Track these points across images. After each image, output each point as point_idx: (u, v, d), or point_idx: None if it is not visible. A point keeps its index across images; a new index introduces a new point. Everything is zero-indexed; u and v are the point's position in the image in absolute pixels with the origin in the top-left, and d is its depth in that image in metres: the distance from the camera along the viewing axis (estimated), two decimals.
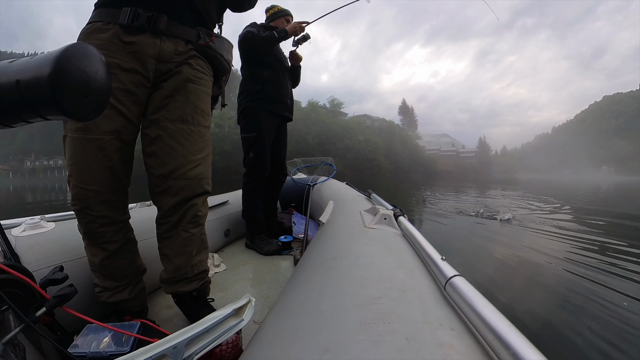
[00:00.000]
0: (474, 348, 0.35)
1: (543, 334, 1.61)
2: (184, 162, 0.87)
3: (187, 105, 0.88)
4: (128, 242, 0.92)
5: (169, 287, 0.96)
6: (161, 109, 0.85)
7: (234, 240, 2.12)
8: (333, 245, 0.80)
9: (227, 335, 0.56)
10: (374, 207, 1.06)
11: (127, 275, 0.92)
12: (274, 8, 2.14)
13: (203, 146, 0.92)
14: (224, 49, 0.98)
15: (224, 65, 1.00)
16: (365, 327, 0.38)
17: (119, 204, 0.86)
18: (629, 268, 2.64)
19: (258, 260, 1.69)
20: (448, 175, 66.59)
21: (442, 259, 0.56)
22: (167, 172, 0.86)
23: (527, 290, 2.19)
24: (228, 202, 2.12)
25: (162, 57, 0.84)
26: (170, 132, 0.85)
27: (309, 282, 0.61)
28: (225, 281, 1.40)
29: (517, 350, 0.30)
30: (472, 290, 0.43)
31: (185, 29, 0.87)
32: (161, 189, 0.87)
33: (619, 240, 3.61)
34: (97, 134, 0.77)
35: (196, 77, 0.90)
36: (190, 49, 0.89)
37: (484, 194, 10.91)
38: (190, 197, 0.89)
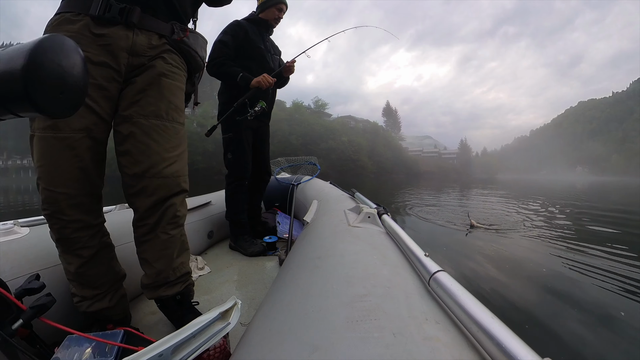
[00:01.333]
0: (460, 340, 0.37)
1: (524, 324, 1.68)
2: (159, 159, 0.84)
3: (161, 100, 0.85)
4: (104, 247, 0.88)
5: (151, 293, 0.93)
6: (134, 104, 0.82)
7: (217, 241, 2.09)
8: (318, 244, 0.80)
9: (214, 339, 0.55)
10: (358, 206, 1.07)
11: (105, 282, 0.88)
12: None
13: (178, 143, 0.89)
14: (198, 45, 0.96)
15: (198, 62, 0.97)
16: (353, 325, 0.39)
17: (93, 207, 0.82)
18: (603, 258, 2.86)
19: (243, 261, 1.67)
20: (430, 176, 68.40)
21: (426, 255, 0.57)
22: (141, 170, 0.82)
23: (508, 283, 2.27)
24: (211, 202, 2.08)
25: (134, 50, 0.81)
26: (143, 128, 0.82)
27: (294, 282, 0.61)
28: (210, 284, 1.38)
29: (500, 340, 0.32)
30: (455, 284, 0.44)
31: (158, 22, 0.85)
32: (136, 189, 0.84)
33: (595, 236, 3.84)
34: (67, 132, 0.73)
35: (170, 71, 0.87)
36: (164, 43, 0.86)
37: (466, 196, 11.22)
38: (167, 196, 0.86)
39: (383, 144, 71.89)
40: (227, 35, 1.76)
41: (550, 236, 3.89)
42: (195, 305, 1.02)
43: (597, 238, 3.90)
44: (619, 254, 3.09)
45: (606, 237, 4.00)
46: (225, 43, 1.74)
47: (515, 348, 0.30)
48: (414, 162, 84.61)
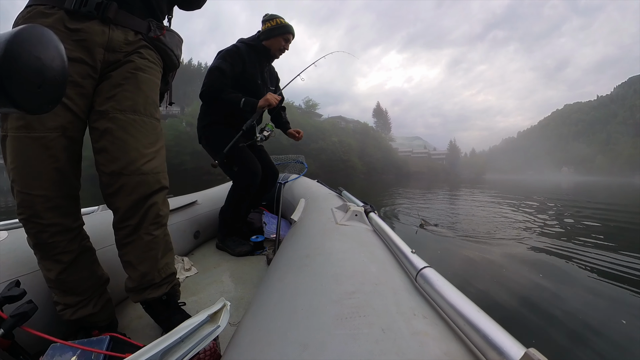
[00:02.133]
0: (447, 333, 0.38)
1: (509, 316, 1.74)
2: (138, 155, 0.81)
3: (139, 94, 0.83)
4: (85, 250, 0.85)
5: (136, 296, 0.91)
6: (110, 99, 0.80)
7: (204, 242, 2.05)
8: (306, 243, 0.81)
9: (204, 343, 0.55)
10: (345, 204, 1.09)
11: (88, 287, 0.85)
12: (273, 20, 1.79)
13: (156, 139, 0.87)
14: (174, 43, 0.95)
15: (174, 61, 0.97)
16: (342, 322, 0.40)
17: (71, 210, 0.80)
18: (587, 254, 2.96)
19: (230, 261, 1.65)
20: (420, 176, 69.41)
21: (412, 252, 0.59)
22: (119, 168, 0.79)
23: (492, 277, 2.33)
24: (197, 202, 2.04)
25: (110, 46, 0.79)
26: (120, 123, 0.80)
27: (283, 281, 0.61)
28: (197, 285, 1.36)
29: (486, 333, 0.33)
30: (441, 280, 0.46)
31: (135, 19, 0.84)
32: (114, 188, 0.81)
33: (579, 233, 3.98)
34: (42, 131, 0.70)
35: (147, 66, 0.86)
36: (140, 39, 0.85)
37: (455, 197, 11.40)
38: (148, 194, 0.83)
39: (373, 145, 72.45)
40: (226, 63, 1.67)
41: (535, 232, 4.02)
42: (182, 306, 1.00)
43: (582, 232, 4.05)
44: (602, 246, 3.25)
45: (591, 231, 4.17)
46: (222, 71, 1.65)
47: (501, 339, 0.32)
48: (404, 163, 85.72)
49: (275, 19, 1.79)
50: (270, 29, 1.77)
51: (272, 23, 1.78)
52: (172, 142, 36.49)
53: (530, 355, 0.28)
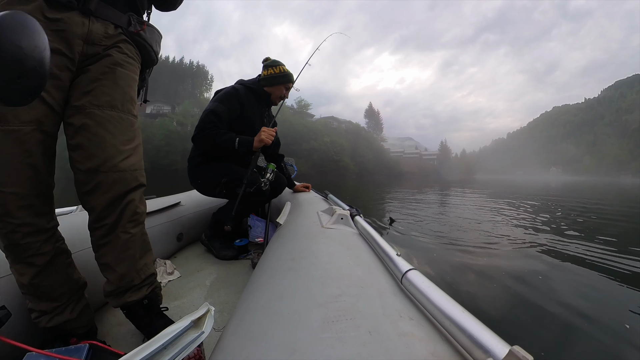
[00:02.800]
0: (434, 334, 0.38)
1: (494, 316, 1.76)
2: (115, 152, 0.80)
3: (116, 90, 0.82)
4: (59, 253, 0.82)
5: (115, 300, 0.87)
6: (87, 94, 0.78)
7: (187, 244, 2.01)
8: (291, 246, 0.81)
9: (188, 350, 0.54)
10: (331, 208, 1.11)
11: (64, 292, 0.82)
12: (276, 67, 1.76)
13: (133, 135, 0.86)
14: (154, 39, 0.94)
15: (152, 57, 0.95)
16: (329, 325, 0.40)
17: (44, 209, 0.77)
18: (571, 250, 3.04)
19: (214, 265, 1.63)
20: (411, 176, 70.21)
21: (397, 254, 0.60)
22: (96, 165, 0.77)
23: (476, 276, 2.37)
24: (180, 203, 2.00)
25: (90, 39, 0.78)
26: (97, 119, 0.78)
27: (268, 285, 0.61)
28: (180, 289, 1.34)
29: (472, 333, 0.34)
30: (426, 281, 0.47)
31: (115, 12, 0.82)
32: (90, 186, 0.79)
33: (565, 230, 4.08)
34: (16, 124, 0.67)
35: (125, 61, 0.85)
36: (120, 34, 0.84)
37: (445, 196, 11.55)
38: (125, 191, 0.82)
39: (365, 145, 73.01)
40: (222, 106, 1.61)
41: (521, 230, 4.08)
42: (165, 311, 0.99)
43: (569, 229, 4.16)
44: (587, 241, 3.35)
45: (578, 228, 4.27)
46: (217, 115, 1.59)
47: (486, 338, 0.33)
48: (396, 163, 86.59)
49: (278, 66, 1.77)
50: (274, 76, 1.75)
51: (275, 70, 1.76)
52: (163, 141, 35.90)
53: (515, 353, 0.29)
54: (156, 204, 1.77)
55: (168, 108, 55.45)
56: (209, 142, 1.57)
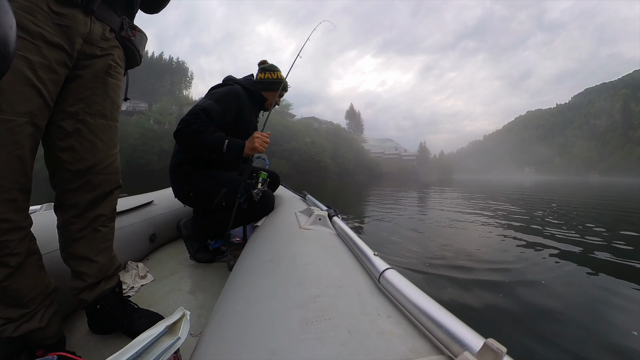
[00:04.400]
0: (412, 331, 0.40)
1: (469, 312, 1.84)
2: (104, 157, 0.88)
3: (106, 100, 0.88)
4: (32, 253, 0.79)
5: (90, 293, 0.90)
6: (80, 101, 0.82)
7: (161, 245, 1.94)
8: (269, 247, 0.82)
9: (164, 358, 0.52)
10: (309, 208, 1.12)
11: (35, 297, 0.79)
12: (274, 72, 1.70)
13: (117, 141, 0.95)
14: (141, 44, 1.00)
15: (137, 60, 1.01)
16: (309, 326, 0.40)
17: (24, 205, 0.75)
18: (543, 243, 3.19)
19: (189, 267, 1.58)
20: (391, 177, 71.61)
21: (375, 254, 0.62)
22: (86, 167, 0.85)
23: (451, 274, 2.44)
24: (153, 202, 1.93)
25: (90, 39, 0.81)
26: (90, 127, 0.84)
27: (246, 287, 0.61)
28: (154, 294, 1.28)
29: (448, 328, 0.36)
30: (403, 280, 0.48)
31: (112, 15, 0.87)
32: (77, 184, 0.85)
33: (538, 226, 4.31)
34: (10, 114, 0.67)
35: (115, 71, 0.90)
36: (114, 38, 0.88)
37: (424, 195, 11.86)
38: (109, 191, 0.91)
39: (346, 146, 73.61)
40: (217, 107, 1.45)
41: (495, 225, 4.26)
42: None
43: (541, 224, 4.39)
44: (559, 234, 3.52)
45: (549, 222, 4.51)
46: (209, 114, 1.41)
47: (462, 333, 0.35)
48: (376, 164, 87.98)
49: (276, 71, 1.71)
50: (271, 81, 1.69)
51: (272, 75, 1.70)
52: (139, 140, 34.48)
53: (489, 345, 0.31)
54: (127, 202, 1.69)
55: (145, 105, 53.17)
56: (193, 140, 1.38)
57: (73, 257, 0.88)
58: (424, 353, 0.35)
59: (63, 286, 0.91)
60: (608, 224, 4.99)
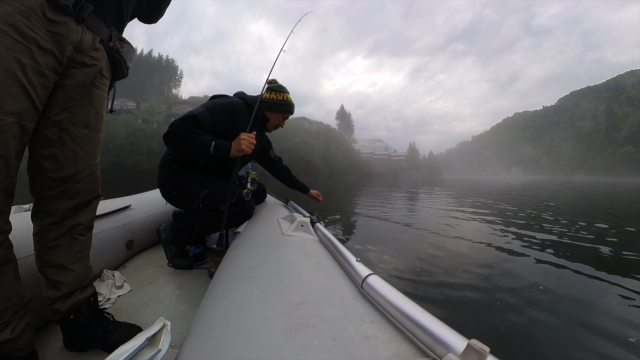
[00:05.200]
0: (396, 335, 0.40)
1: (452, 314, 1.86)
2: (85, 166, 0.89)
3: (91, 111, 0.89)
4: (8, 261, 0.77)
5: (65, 302, 0.88)
6: (65, 110, 0.83)
7: (138, 252, 1.87)
8: (251, 254, 0.82)
9: None
10: (291, 215, 1.12)
11: (9, 307, 0.76)
12: (280, 93, 1.68)
13: (98, 151, 0.95)
14: (129, 57, 1.01)
15: (124, 73, 1.02)
16: (292, 334, 0.40)
17: (5, 209, 0.74)
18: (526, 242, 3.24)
19: (168, 275, 1.52)
20: (381, 177, 72.32)
21: (357, 260, 0.62)
22: (67, 175, 0.85)
23: (434, 276, 2.47)
24: (130, 206, 1.86)
25: (80, 47, 0.83)
26: (73, 136, 0.85)
27: (228, 295, 0.60)
28: (132, 305, 1.23)
29: (432, 331, 0.36)
30: (386, 285, 0.48)
31: (102, 26, 0.88)
32: (57, 191, 0.85)
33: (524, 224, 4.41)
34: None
35: (101, 82, 0.91)
36: (103, 49, 0.90)
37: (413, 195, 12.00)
38: (88, 200, 0.91)
39: (336, 146, 73.96)
40: (208, 117, 1.44)
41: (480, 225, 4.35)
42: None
43: (527, 223, 4.46)
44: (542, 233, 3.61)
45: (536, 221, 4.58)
46: (198, 121, 1.41)
47: (445, 335, 0.35)
48: (366, 164, 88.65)
49: (283, 93, 1.69)
50: (277, 102, 1.67)
51: (279, 96, 1.68)
52: (126, 140, 33.59)
53: (472, 346, 0.31)
54: (103, 207, 1.61)
55: (133, 104, 51.64)
56: (180, 142, 1.39)
57: (48, 265, 0.86)
58: (409, 356, 0.35)
59: (36, 296, 0.87)
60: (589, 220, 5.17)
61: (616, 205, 7.86)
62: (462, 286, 2.27)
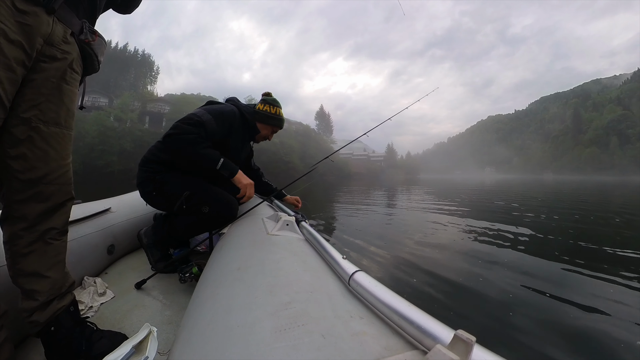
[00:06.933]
0: (384, 330, 0.41)
1: (437, 306, 1.93)
2: (57, 166, 0.85)
3: (61, 108, 0.85)
4: None
5: (43, 313, 0.83)
6: (34, 107, 0.79)
7: (120, 257, 1.80)
8: (236, 255, 0.81)
9: None
10: (276, 214, 1.12)
11: None
12: (273, 107, 1.73)
13: (70, 150, 0.91)
14: (100, 51, 0.97)
15: (95, 67, 0.98)
16: (282, 334, 0.40)
17: None
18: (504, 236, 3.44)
19: (153, 279, 1.46)
20: (360, 177, 73.17)
21: (344, 257, 0.63)
22: (37, 176, 0.81)
23: (419, 270, 2.57)
24: (111, 209, 1.79)
25: (51, 40, 0.79)
26: (43, 134, 0.81)
27: (214, 298, 0.60)
28: (116, 313, 1.19)
29: (420, 324, 0.38)
30: (372, 281, 0.50)
31: (74, 17, 0.85)
32: (27, 194, 0.80)
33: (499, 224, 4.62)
34: None
35: (71, 77, 0.87)
36: (74, 42, 0.86)
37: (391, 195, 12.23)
38: (61, 202, 0.87)
39: (315, 147, 73.86)
40: (215, 126, 1.45)
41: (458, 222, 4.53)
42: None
43: (501, 218, 4.70)
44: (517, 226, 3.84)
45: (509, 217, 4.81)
46: (206, 130, 1.42)
47: (433, 327, 0.37)
48: (345, 164, 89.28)
49: (276, 107, 1.74)
50: (269, 115, 1.72)
51: (272, 110, 1.72)
52: (97, 139, 31.47)
53: (459, 336, 0.33)
54: (81, 210, 1.54)
55: (105, 100, 48.33)
56: (186, 148, 1.36)
57: (22, 274, 0.82)
58: (398, 350, 0.36)
59: (13, 309, 0.83)
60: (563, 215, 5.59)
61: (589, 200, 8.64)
62: (445, 278, 2.36)
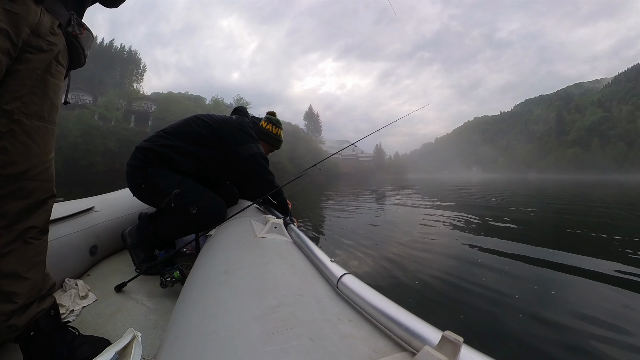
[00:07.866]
0: (373, 332, 0.41)
1: (424, 308, 1.96)
2: (39, 162, 0.82)
3: (45, 101, 0.83)
4: None
5: (21, 317, 0.79)
6: (17, 99, 0.77)
7: (103, 258, 1.74)
8: (224, 257, 0.80)
9: None
10: (264, 217, 1.11)
11: None
12: (275, 128, 1.84)
13: (53, 145, 0.89)
14: (87, 45, 0.95)
15: (81, 61, 0.96)
16: (270, 338, 0.40)
17: None
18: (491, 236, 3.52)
19: (137, 281, 1.42)
20: (349, 177, 73.73)
21: (332, 260, 0.63)
22: (18, 172, 0.78)
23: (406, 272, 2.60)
24: (94, 209, 1.72)
25: (37, 30, 0.77)
26: (25, 128, 0.79)
27: (201, 301, 0.59)
28: (98, 317, 1.15)
29: (408, 326, 0.38)
30: (361, 284, 0.50)
31: (62, 9, 0.83)
32: (7, 190, 0.77)
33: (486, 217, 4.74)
34: None
35: (57, 70, 0.85)
36: (61, 34, 0.84)
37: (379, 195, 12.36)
38: (42, 199, 0.84)
39: (304, 147, 73.73)
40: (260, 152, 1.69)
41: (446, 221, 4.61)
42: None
43: (488, 216, 4.82)
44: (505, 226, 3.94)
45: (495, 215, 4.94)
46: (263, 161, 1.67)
47: (421, 328, 0.37)
48: (334, 165, 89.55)
49: (278, 128, 1.85)
50: (270, 135, 1.82)
51: (273, 130, 1.83)
52: (80, 138, 30.34)
53: (447, 337, 0.33)
54: (63, 209, 1.49)
55: (89, 98, 46.26)
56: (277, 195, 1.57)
57: (0, 276, 0.78)
58: (387, 352, 0.37)
59: None
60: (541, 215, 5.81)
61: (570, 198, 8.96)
62: (432, 280, 2.39)
